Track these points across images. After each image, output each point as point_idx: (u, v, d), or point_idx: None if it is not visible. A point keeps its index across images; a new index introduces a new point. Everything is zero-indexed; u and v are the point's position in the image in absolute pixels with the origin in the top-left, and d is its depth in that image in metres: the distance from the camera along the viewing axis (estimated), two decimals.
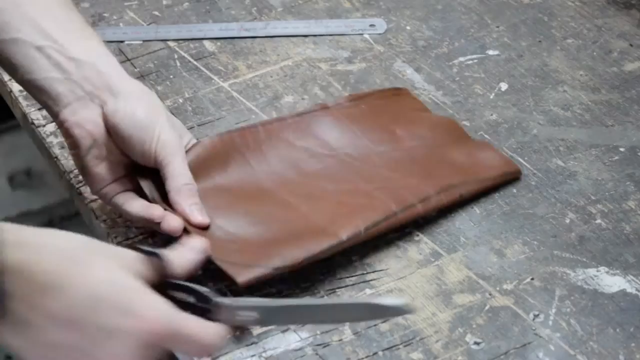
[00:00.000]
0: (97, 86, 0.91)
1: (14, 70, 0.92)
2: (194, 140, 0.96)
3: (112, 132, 0.91)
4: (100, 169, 0.92)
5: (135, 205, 0.92)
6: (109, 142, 0.91)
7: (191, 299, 0.75)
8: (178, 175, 0.90)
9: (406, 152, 1.01)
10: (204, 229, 0.90)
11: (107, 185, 0.92)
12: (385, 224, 0.92)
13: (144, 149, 0.90)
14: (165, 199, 0.91)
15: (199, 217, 0.90)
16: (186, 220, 0.90)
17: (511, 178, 1.00)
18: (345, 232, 0.90)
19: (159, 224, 0.90)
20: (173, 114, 1.04)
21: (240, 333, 0.86)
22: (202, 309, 0.74)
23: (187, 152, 0.94)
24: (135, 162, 0.92)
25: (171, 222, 0.89)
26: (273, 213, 0.93)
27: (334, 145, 1.01)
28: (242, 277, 0.86)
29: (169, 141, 0.90)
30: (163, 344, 0.71)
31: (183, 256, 0.77)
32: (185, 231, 0.89)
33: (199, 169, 0.94)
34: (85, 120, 0.91)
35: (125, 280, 0.70)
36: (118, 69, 0.93)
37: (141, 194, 0.93)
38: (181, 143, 0.93)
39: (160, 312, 0.70)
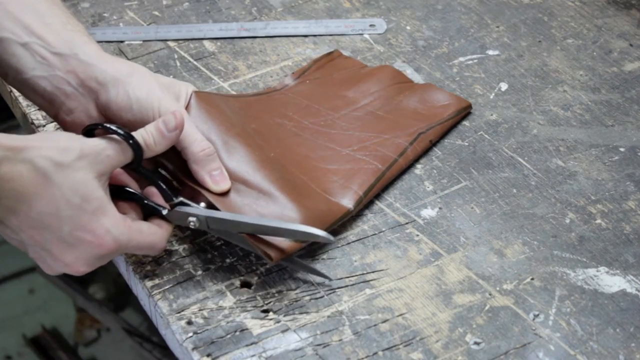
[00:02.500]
0: (83, 79, 0.91)
1: (5, 72, 0.92)
2: (192, 88, 0.96)
3: (113, 120, 0.91)
4: None
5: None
6: None
7: (153, 199, 0.90)
8: (192, 143, 0.91)
9: (365, 110, 1.06)
10: (226, 193, 0.91)
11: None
12: (378, 185, 0.98)
13: None
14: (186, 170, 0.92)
15: (220, 184, 0.91)
16: (205, 187, 0.91)
17: (465, 113, 1.07)
18: (349, 201, 0.95)
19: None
20: None
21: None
22: (157, 210, 0.89)
23: (189, 106, 0.94)
24: None
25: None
26: (282, 182, 0.94)
27: (300, 119, 1.04)
28: (275, 253, 0.88)
29: (169, 111, 0.90)
30: (115, 255, 0.86)
31: (154, 137, 0.87)
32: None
33: (207, 120, 0.94)
34: (82, 118, 0.91)
35: (87, 198, 0.82)
36: (101, 56, 0.92)
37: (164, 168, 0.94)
38: (180, 107, 0.92)
39: (110, 232, 0.84)
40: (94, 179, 0.83)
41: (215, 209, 0.90)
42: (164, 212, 0.89)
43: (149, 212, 0.90)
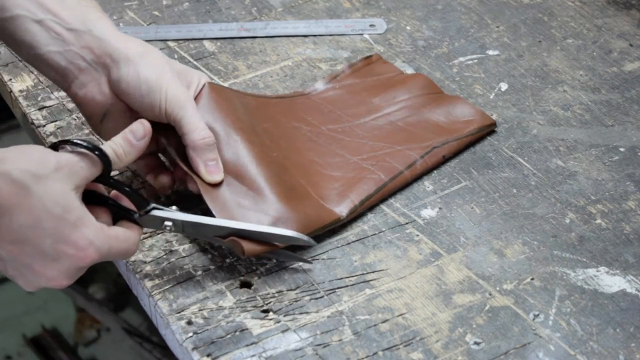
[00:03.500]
0: (98, 54, 0.91)
1: (19, 47, 0.93)
2: (205, 78, 0.97)
3: (121, 98, 0.92)
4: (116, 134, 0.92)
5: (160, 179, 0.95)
6: (121, 108, 0.93)
7: (124, 204, 0.88)
8: (194, 131, 0.91)
9: (387, 119, 1.05)
10: (218, 184, 0.92)
11: None
12: (377, 195, 0.97)
13: (154, 110, 0.91)
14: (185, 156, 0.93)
15: (214, 175, 0.92)
16: (199, 175, 0.92)
17: (488, 131, 1.05)
18: (343, 209, 0.95)
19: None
20: None
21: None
22: (131, 213, 0.88)
23: (200, 95, 0.95)
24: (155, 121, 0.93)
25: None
26: (276, 180, 0.94)
27: (318, 124, 1.04)
28: (250, 247, 0.88)
29: (176, 97, 0.91)
30: (92, 264, 0.84)
31: (123, 147, 0.87)
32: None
33: (215, 109, 0.95)
34: (94, 92, 0.92)
35: (68, 209, 0.81)
36: (116, 33, 0.93)
37: (164, 152, 0.96)
38: (189, 94, 0.93)
39: (93, 243, 0.82)
40: (71, 191, 0.82)
41: (198, 211, 0.90)
42: (135, 215, 0.89)
43: (118, 216, 0.89)
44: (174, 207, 0.89)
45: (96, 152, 0.85)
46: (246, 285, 0.91)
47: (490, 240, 0.95)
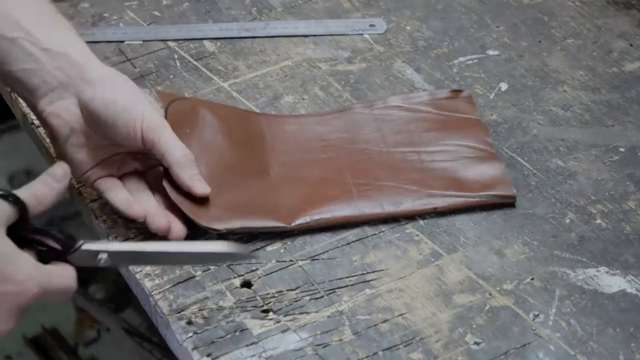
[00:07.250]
0: (70, 76, 0.92)
1: None
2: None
3: (92, 119, 0.92)
4: (81, 155, 0.93)
5: (117, 197, 0.93)
6: (87, 129, 0.93)
7: (51, 244, 0.83)
8: (174, 148, 0.91)
9: (418, 157, 1.02)
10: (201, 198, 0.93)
11: (89, 170, 0.94)
12: (343, 218, 0.96)
13: (128, 130, 0.91)
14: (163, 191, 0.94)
15: (200, 188, 0.92)
16: (188, 191, 0.92)
17: (502, 202, 0.98)
18: (297, 218, 0.95)
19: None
20: None
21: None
22: (61, 252, 0.83)
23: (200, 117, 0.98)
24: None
25: (156, 221, 0.91)
26: (249, 184, 0.97)
27: (354, 140, 1.04)
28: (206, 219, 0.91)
29: (154, 117, 0.91)
30: (34, 302, 0.79)
31: (42, 191, 0.84)
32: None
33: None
34: (62, 109, 0.92)
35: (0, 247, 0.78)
36: (90, 57, 0.93)
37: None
38: (164, 119, 0.93)
39: (32, 277, 0.78)
40: None
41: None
42: (65, 255, 0.84)
43: (47, 257, 0.83)
44: (107, 240, 0.87)
45: (10, 199, 0.81)
46: (246, 285, 0.91)
47: (490, 240, 0.95)
